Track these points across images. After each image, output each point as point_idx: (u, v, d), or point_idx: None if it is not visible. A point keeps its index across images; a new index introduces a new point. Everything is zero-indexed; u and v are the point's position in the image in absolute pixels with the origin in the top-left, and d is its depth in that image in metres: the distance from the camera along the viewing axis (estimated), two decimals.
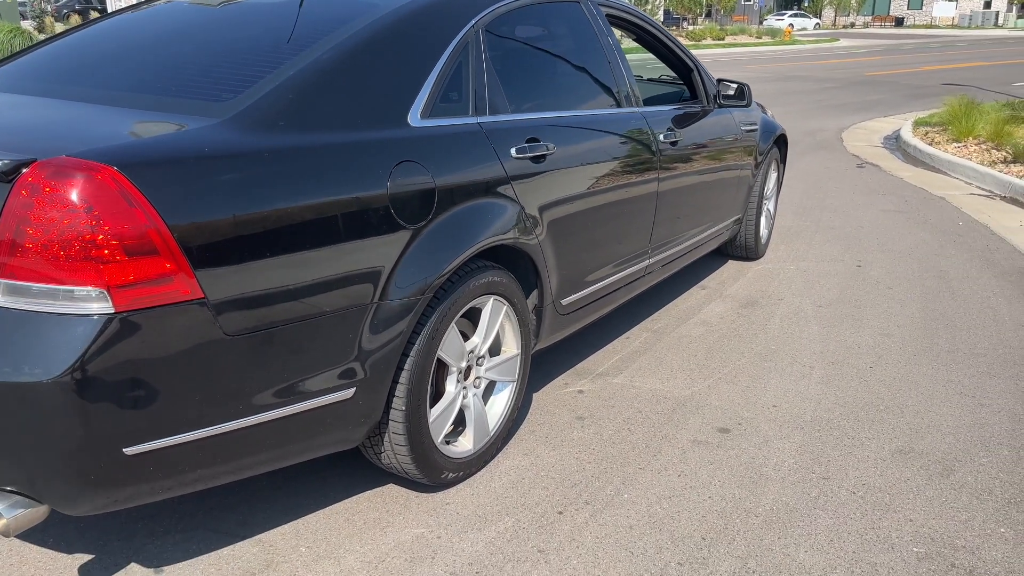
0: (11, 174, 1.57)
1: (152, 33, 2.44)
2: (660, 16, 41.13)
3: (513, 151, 2.43)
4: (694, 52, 26.80)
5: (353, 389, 2.01)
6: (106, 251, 1.56)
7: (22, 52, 2.58)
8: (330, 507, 2.30)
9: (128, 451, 1.65)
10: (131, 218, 1.58)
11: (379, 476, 2.45)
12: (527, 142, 2.50)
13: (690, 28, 38.72)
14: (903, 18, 66.21)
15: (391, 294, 2.04)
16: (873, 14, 68.21)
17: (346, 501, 2.33)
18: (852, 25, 66.16)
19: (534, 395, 3.00)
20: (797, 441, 2.71)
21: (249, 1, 2.58)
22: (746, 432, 2.77)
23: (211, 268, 1.68)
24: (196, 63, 2.16)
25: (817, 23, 59.00)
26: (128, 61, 2.27)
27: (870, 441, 2.72)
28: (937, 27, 62.12)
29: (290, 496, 2.34)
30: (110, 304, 1.57)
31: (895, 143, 9.16)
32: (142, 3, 2.86)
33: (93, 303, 1.57)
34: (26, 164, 1.57)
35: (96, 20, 2.76)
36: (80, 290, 1.57)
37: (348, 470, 2.48)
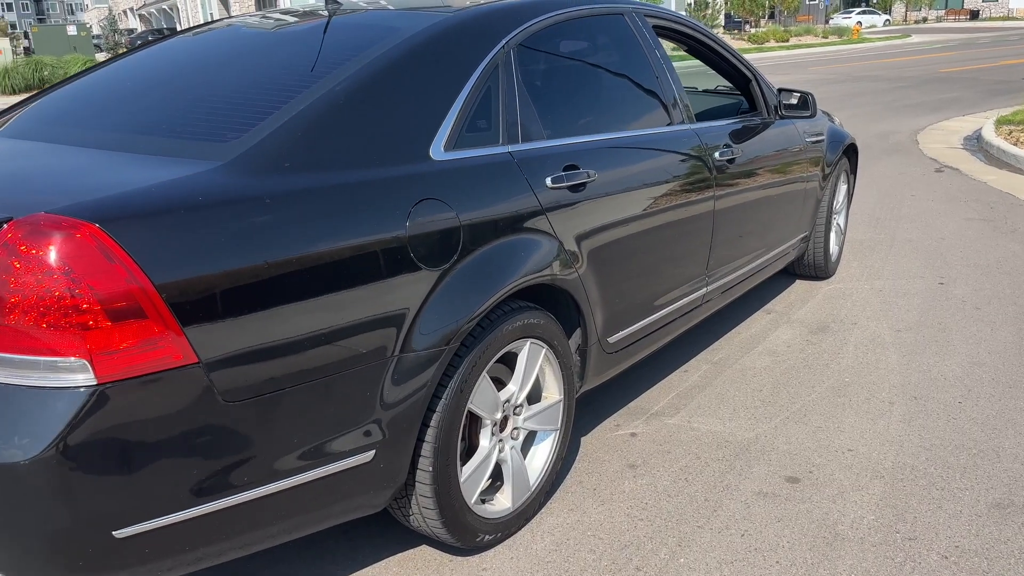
0: None
1: (169, 69, 2.33)
2: (721, 20, 40.36)
3: (548, 181, 2.23)
4: (756, 56, 26.17)
5: (372, 452, 1.83)
6: (87, 317, 1.42)
7: (45, 91, 2.50)
8: (358, 573, 2.12)
9: (118, 534, 1.50)
10: (114, 279, 1.43)
11: (410, 537, 2.26)
12: (564, 170, 2.29)
13: (752, 31, 37.89)
14: (978, 11, 63.59)
15: (414, 345, 1.85)
16: (946, 8, 65.71)
17: (375, 566, 2.15)
18: (924, 20, 63.85)
19: (582, 439, 2.78)
20: (877, 493, 2.42)
21: (274, 32, 2.45)
22: (818, 482, 2.49)
23: (206, 330, 1.52)
24: (207, 100, 2.03)
25: (887, 19, 57.10)
26: (142, 100, 2.15)
27: (963, 493, 2.41)
28: (1015, 19, 59.43)
29: (315, 560, 2.18)
30: (92, 375, 1.42)
31: (976, 144, 8.62)
32: (170, 35, 2.77)
33: (75, 374, 1.43)
34: (2, 223, 1.44)
35: (119, 56, 2.67)
36: (61, 361, 1.42)
37: (378, 530, 2.30)
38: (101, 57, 24.95)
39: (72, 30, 23.91)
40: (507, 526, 2.22)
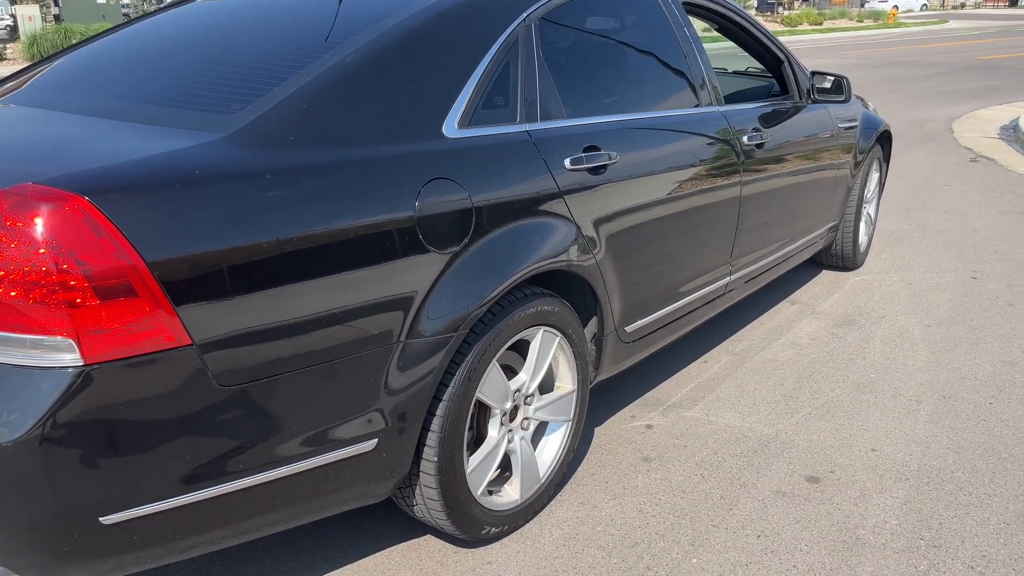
0: None
1: (179, 36, 2.25)
2: (753, 1, 39.63)
3: (567, 162, 2.13)
4: (789, 39, 25.65)
5: (375, 440, 1.76)
6: (75, 294, 1.35)
7: (55, 56, 2.43)
8: (359, 562, 2.06)
9: (105, 520, 1.44)
10: (103, 255, 1.36)
11: (415, 527, 2.20)
12: (584, 151, 2.19)
13: (785, 13, 37.18)
14: None
15: (421, 330, 1.77)
16: None
17: (376, 555, 2.09)
18: (962, 5, 62.37)
19: (595, 429, 2.70)
20: (901, 496, 2.32)
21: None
22: (840, 482, 2.39)
23: (200, 311, 1.45)
24: (213, 69, 1.95)
25: (924, 4, 55.82)
26: (147, 68, 2.07)
27: (991, 499, 2.30)
28: None
29: (316, 545, 2.12)
30: (79, 355, 1.36)
31: (1013, 134, 8.37)
32: (182, 2, 2.69)
33: (61, 353, 1.36)
34: None
35: (129, 22, 2.60)
36: (47, 339, 1.36)
37: (382, 516, 2.24)
38: None
39: None
40: (514, 519, 2.14)
